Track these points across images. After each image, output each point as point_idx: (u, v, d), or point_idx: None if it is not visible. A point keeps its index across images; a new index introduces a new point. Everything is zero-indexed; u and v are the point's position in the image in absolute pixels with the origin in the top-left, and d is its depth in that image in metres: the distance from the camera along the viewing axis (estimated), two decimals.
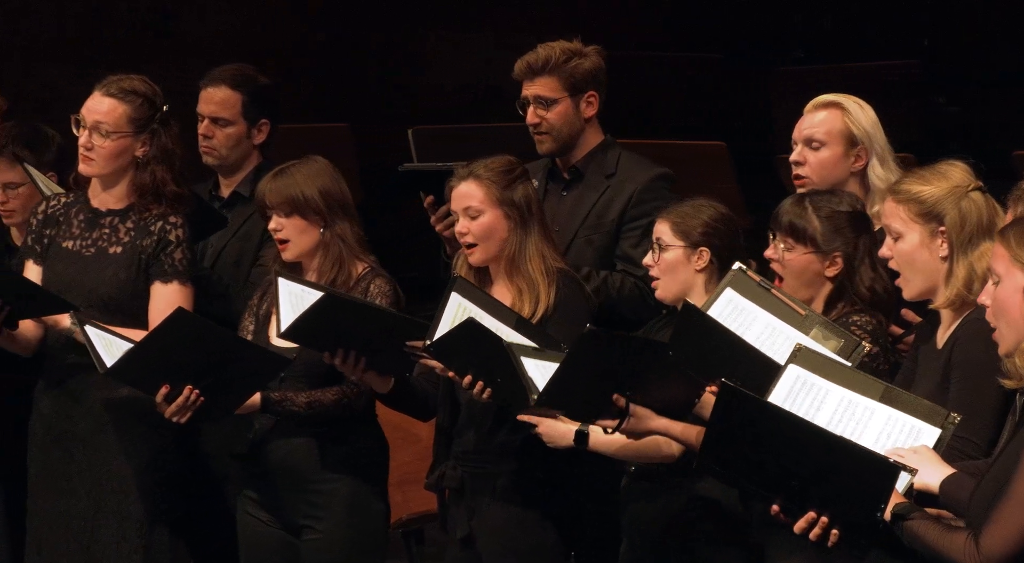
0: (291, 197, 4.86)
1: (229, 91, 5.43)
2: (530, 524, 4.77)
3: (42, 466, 5.02)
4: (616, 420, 4.34)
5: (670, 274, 4.67)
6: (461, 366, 4.60)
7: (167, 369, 4.72)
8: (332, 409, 4.83)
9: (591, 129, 5.26)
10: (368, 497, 4.87)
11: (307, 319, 4.67)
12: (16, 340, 4.98)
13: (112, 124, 4.96)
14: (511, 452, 4.78)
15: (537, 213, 4.83)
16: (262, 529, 4.91)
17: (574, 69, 5.18)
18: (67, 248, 5.04)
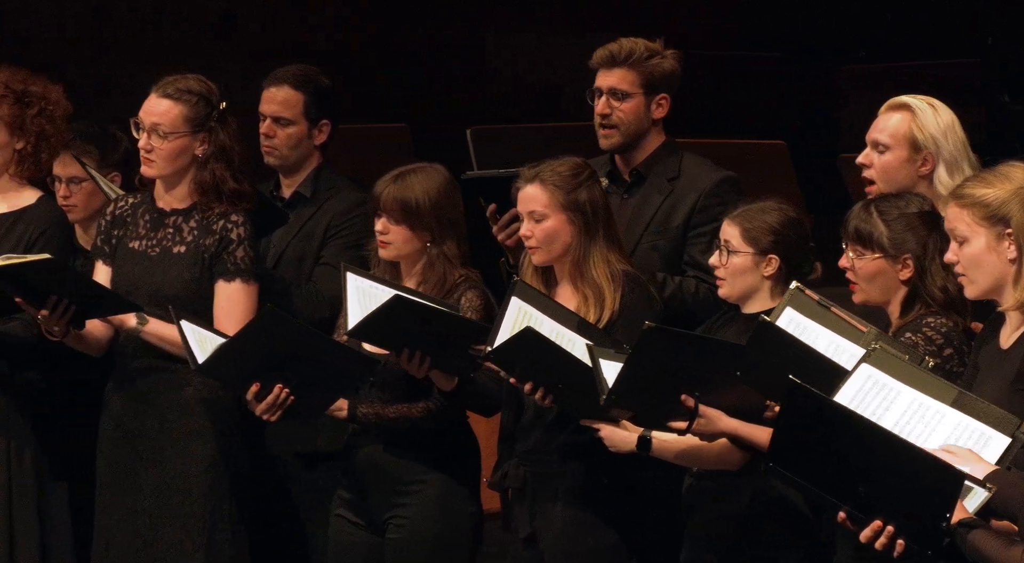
0: (404, 206, 4.86)
1: (291, 91, 5.45)
2: (592, 526, 4.76)
3: (110, 464, 5.07)
4: (686, 421, 4.29)
5: (737, 277, 4.65)
6: (522, 372, 4.59)
7: (257, 367, 4.75)
8: (419, 423, 4.85)
9: (655, 131, 5.24)
10: (456, 498, 4.87)
11: (374, 319, 4.68)
12: (85, 340, 5.02)
13: (169, 125, 5.00)
14: (574, 453, 4.77)
15: (603, 216, 4.80)
16: (350, 530, 4.93)
17: (654, 67, 5.16)
18: (133, 248, 5.08)
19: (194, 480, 5.01)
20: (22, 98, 5.14)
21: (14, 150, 5.17)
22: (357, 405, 4.87)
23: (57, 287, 4.88)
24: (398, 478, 4.87)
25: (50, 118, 5.16)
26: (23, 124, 5.14)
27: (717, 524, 4.62)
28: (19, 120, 5.13)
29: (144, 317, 4.97)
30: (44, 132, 5.16)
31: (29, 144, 5.15)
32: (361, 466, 4.91)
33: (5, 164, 5.18)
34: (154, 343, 4.99)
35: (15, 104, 5.13)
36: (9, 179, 5.21)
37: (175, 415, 5.03)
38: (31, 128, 5.14)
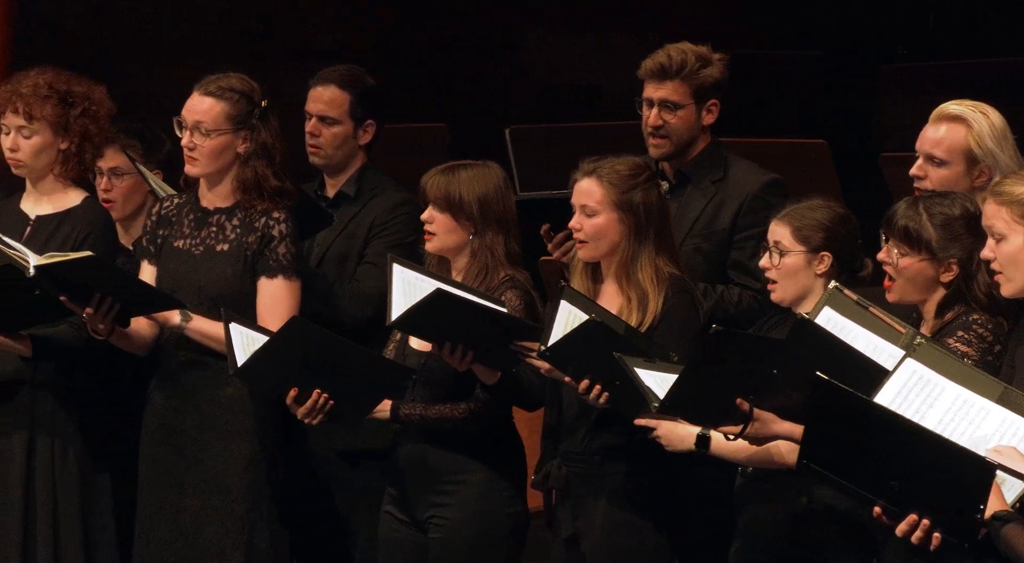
0: (448, 195, 4.88)
1: (337, 91, 5.47)
2: (634, 527, 4.75)
3: (153, 461, 5.09)
4: (739, 425, 4.27)
5: (790, 278, 4.61)
6: (578, 370, 4.58)
7: (292, 373, 4.77)
8: (460, 425, 4.86)
9: (703, 134, 5.22)
10: (497, 498, 4.87)
11: (417, 311, 4.70)
12: (130, 338, 5.04)
13: (211, 122, 5.02)
14: (617, 453, 4.76)
15: (656, 220, 4.78)
16: (396, 526, 4.94)
17: (705, 77, 5.15)
18: (178, 247, 5.11)
19: (234, 479, 5.02)
20: (66, 98, 5.17)
21: (59, 150, 5.19)
22: (399, 406, 4.88)
23: (101, 285, 4.90)
24: (439, 477, 4.87)
25: (94, 118, 5.18)
26: (67, 124, 5.16)
27: (770, 525, 4.60)
28: (63, 120, 5.15)
29: (188, 314, 4.99)
30: (88, 132, 5.18)
31: (73, 144, 5.18)
32: (404, 464, 4.92)
33: (50, 165, 5.20)
34: (197, 340, 5.01)
35: (59, 104, 5.15)
36: (54, 180, 5.23)
37: (216, 414, 5.05)
38: (75, 128, 5.16)
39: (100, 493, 5.20)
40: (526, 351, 4.71)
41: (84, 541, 5.16)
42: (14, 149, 5.17)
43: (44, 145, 5.17)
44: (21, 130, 5.15)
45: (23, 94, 5.14)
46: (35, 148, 5.16)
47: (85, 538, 5.16)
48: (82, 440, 5.18)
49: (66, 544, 5.14)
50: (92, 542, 5.18)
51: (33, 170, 5.20)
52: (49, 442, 5.15)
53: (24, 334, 5.08)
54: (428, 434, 4.88)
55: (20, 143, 5.17)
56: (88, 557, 5.16)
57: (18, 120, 5.15)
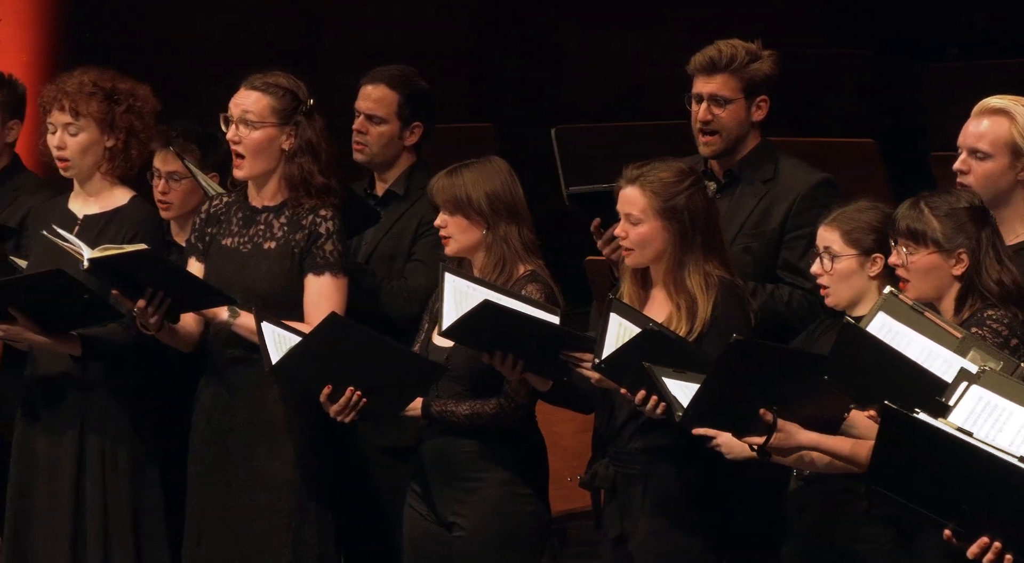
0: (455, 197, 4.90)
1: (386, 90, 5.49)
2: (682, 527, 4.74)
3: (202, 458, 5.11)
4: (763, 436, 4.24)
5: (843, 283, 4.59)
6: (633, 382, 4.56)
7: (328, 370, 4.77)
8: (491, 421, 4.86)
9: (752, 132, 5.19)
10: (520, 497, 4.87)
11: (467, 321, 4.70)
12: (178, 335, 5.06)
13: (257, 115, 5.05)
14: (664, 454, 4.75)
15: (703, 225, 4.75)
16: (421, 522, 4.95)
17: (755, 71, 5.12)
18: (226, 245, 5.12)
19: (281, 476, 5.03)
20: (111, 95, 5.18)
21: (105, 148, 5.21)
22: (430, 403, 4.88)
23: (153, 280, 4.92)
24: (460, 474, 4.88)
25: (139, 114, 5.20)
26: (113, 121, 5.18)
27: (827, 528, 4.57)
28: (109, 117, 5.17)
29: (236, 310, 5.01)
30: (133, 128, 5.20)
31: (119, 141, 5.19)
32: (426, 460, 4.93)
33: (96, 162, 5.22)
34: (245, 336, 5.02)
35: (104, 101, 5.17)
36: (101, 178, 5.25)
37: (263, 411, 5.06)
38: (120, 125, 5.18)
39: (150, 492, 5.22)
40: (576, 361, 4.70)
41: (134, 540, 5.18)
42: (61, 147, 5.19)
43: (90, 142, 5.18)
44: (67, 127, 5.17)
45: (68, 92, 5.16)
46: (81, 145, 5.18)
47: (135, 537, 5.18)
48: (132, 439, 5.20)
49: (116, 544, 5.17)
50: (142, 541, 5.20)
51: (80, 168, 5.22)
52: (99, 442, 5.17)
53: (74, 334, 5.09)
54: (450, 430, 4.89)
55: (67, 141, 5.19)
56: (138, 556, 5.18)
57: (64, 117, 5.16)
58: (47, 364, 5.18)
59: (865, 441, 4.27)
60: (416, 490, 4.96)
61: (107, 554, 5.16)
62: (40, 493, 5.19)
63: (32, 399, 5.21)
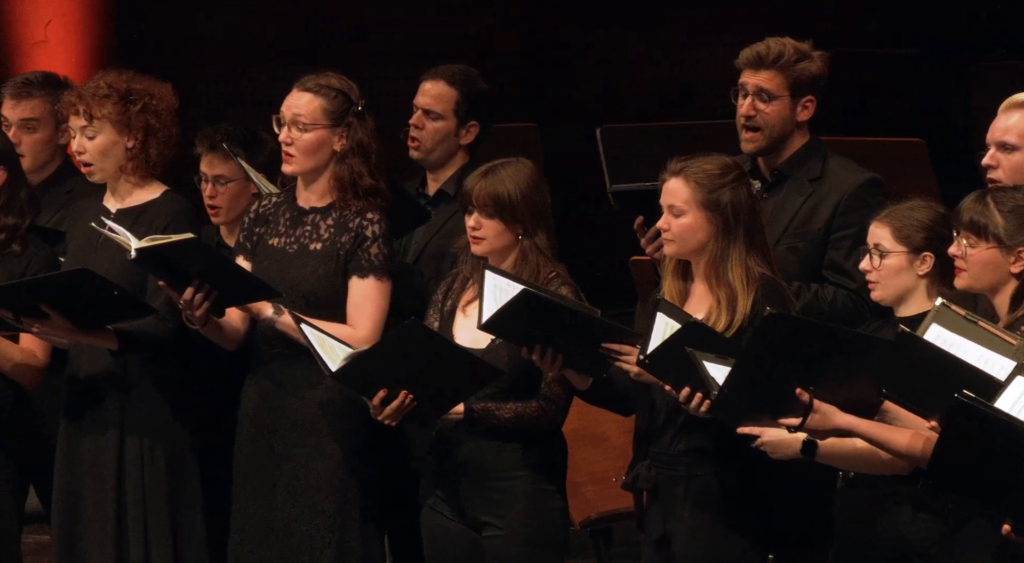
0: (496, 199, 4.88)
1: (445, 86, 5.49)
2: (726, 528, 4.72)
3: (246, 457, 5.11)
4: (799, 418, 4.21)
5: (891, 279, 4.56)
6: (678, 379, 4.54)
7: (388, 374, 4.77)
8: (534, 423, 4.86)
9: (799, 132, 5.16)
10: (549, 495, 4.88)
11: (505, 313, 4.69)
12: (222, 331, 5.06)
13: (309, 116, 5.05)
14: (706, 455, 4.73)
15: (746, 219, 4.73)
16: (446, 525, 4.93)
17: (802, 70, 5.09)
18: (273, 245, 5.13)
19: (325, 477, 5.03)
20: (126, 96, 5.18)
21: (125, 148, 5.21)
22: (473, 405, 4.87)
23: (199, 271, 4.93)
24: (494, 474, 4.87)
25: (155, 113, 5.20)
26: (129, 121, 5.18)
27: (873, 529, 4.53)
28: (124, 118, 5.17)
29: (281, 308, 5.01)
30: (151, 127, 5.20)
31: (138, 141, 5.20)
32: (455, 462, 4.91)
33: (118, 164, 5.23)
34: (289, 334, 5.02)
35: (119, 102, 5.17)
36: (127, 179, 5.26)
37: (307, 411, 5.06)
38: (137, 124, 5.18)
39: (189, 490, 5.23)
40: (616, 354, 4.68)
41: (173, 538, 5.19)
42: (81, 151, 5.22)
43: (108, 144, 5.19)
44: (84, 131, 5.19)
45: (83, 96, 5.18)
46: (99, 148, 5.19)
47: (174, 535, 5.19)
48: (172, 437, 5.21)
49: (155, 542, 5.18)
50: (181, 539, 5.21)
51: (103, 170, 5.23)
52: (138, 440, 5.19)
53: (109, 329, 5.11)
54: (481, 432, 4.87)
55: (85, 144, 5.20)
56: (176, 554, 5.19)
57: (80, 121, 5.19)
58: (88, 363, 5.20)
59: (901, 429, 4.25)
60: (438, 494, 4.94)
61: (148, 552, 5.17)
62: (86, 492, 5.21)
63: (73, 399, 5.24)
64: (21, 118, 5.72)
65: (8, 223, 5.28)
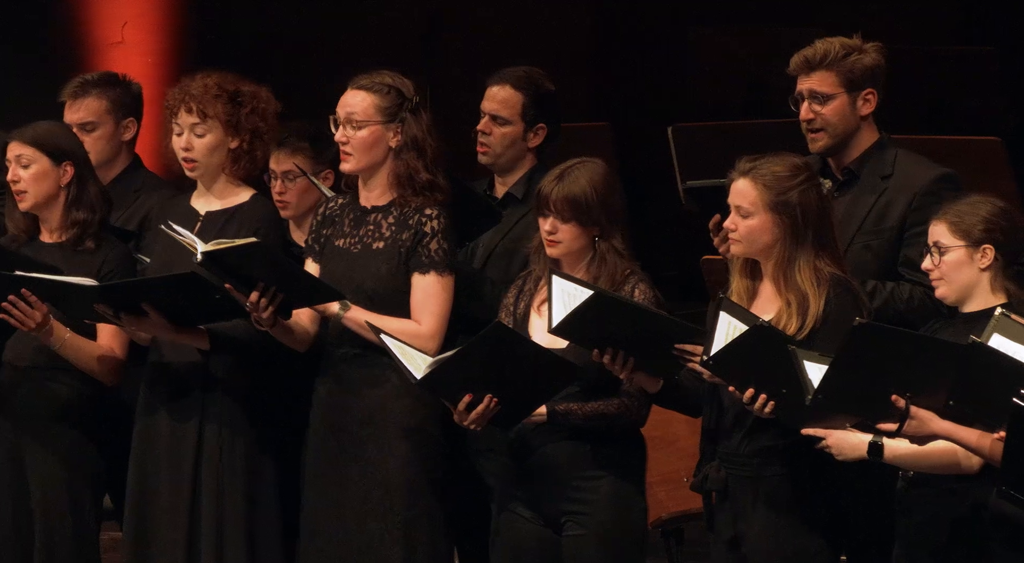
0: (573, 202, 4.86)
1: (512, 91, 5.48)
2: (795, 530, 4.69)
3: (317, 455, 5.13)
4: (896, 423, 4.17)
5: (953, 275, 4.52)
6: (742, 380, 4.52)
7: (472, 379, 4.78)
8: (615, 420, 4.85)
9: (866, 128, 5.11)
10: (630, 496, 4.87)
11: (576, 316, 4.68)
12: (291, 332, 5.09)
13: (362, 113, 5.08)
14: (775, 455, 4.70)
15: (815, 221, 4.68)
16: (523, 525, 4.93)
17: (853, 64, 5.05)
18: (339, 246, 5.16)
19: (393, 475, 5.05)
20: (235, 97, 5.25)
21: (229, 149, 5.27)
22: (555, 406, 4.87)
23: (265, 274, 4.96)
24: (574, 474, 4.86)
25: (262, 116, 5.26)
26: (238, 122, 5.24)
27: (932, 529, 4.51)
28: (234, 119, 5.23)
29: (347, 304, 5.03)
30: (257, 129, 5.27)
31: (244, 142, 5.26)
32: (536, 464, 4.90)
33: (221, 163, 5.29)
34: (355, 330, 5.04)
35: (228, 103, 5.23)
36: (225, 179, 5.31)
37: (376, 410, 5.08)
38: (245, 126, 5.24)
39: (265, 486, 5.25)
40: (688, 356, 4.66)
41: (248, 534, 5.22)
42: (188, 148, 5.27)
43: (216, 143, 5.25)
44: (194, 128, 5.24)
45: (194, 94, 5.23)
46: (208, 146, 5.24)
47: (249, 530, 5.22)
48: (249, 433, 5.24)
49: (230, 536, 5.20)
50: (256, 535, 5.23)
51: (207, 169, 5.29)
52: (217, 434, 5.23)
53: (202, 329, 5.16)
54: (560, 432, 4.86)
55: (193, 142, 5.25)
56: (251, 549, 5.22)
57: (192, 119, 5.23)
58: (171, 356, 5.25)
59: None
60: (519, 495, 4.94)
61: (221, 546, 5.20)
62: (161, 484, 5.25)
63: (153, 391, 5.28)
64: (78, 120, 5.78)
65: (79, 218, 5.35)
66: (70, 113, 5.81)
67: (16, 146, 5.37)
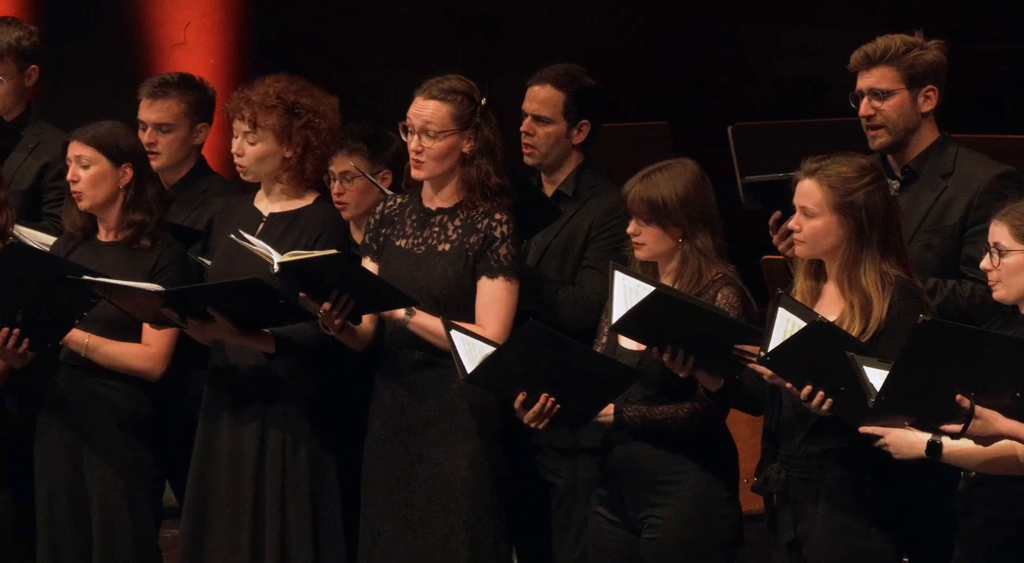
0: (651, 204, 4.86)
1: (552, 90, 5.48)
2: (856, 532, 4.67)
3: (379, 457, 5.16)
4: (960, 425, 4.15)
5: (1012, 277, 4.48)
6: (800, 376, 4.50)
7: (523, 377, 4.79)
8: (686, 425, 4.84)
9: (927, 125, 5.08)
10: (713, 499, 4.85)
11: (635, 314, 4.68)
12: (355, 334, 5.13)
13: (439, 124, 5.09)
14: (836, 457, 4.68)
15: (881, 222, 4.66)
16: (607, 527, 4.94)
17: (914, 61, 5.03)
18: (400, 246, 5.18)
19: (458, 476, 5.07)
20: (292, 109, 5.27)
21: (282, 158, 5.30)
22: (623, 408, 4.86)
23: (338, 282, 4.98)
24: (654, 477, 4.86)
25: (316, 131, 5.28)
26: (290, 134, 5.27)
27: (993, 531, 4.48)
28: (287, 130, 5.26)
29: (412, 309, 5.06)
30: (309, 143, 5.29)
31: (295, 154, 5.28)
32: (617, 465, 4.90)
33: (274, 171, 5.33)
34: (420, 335, 5.06)
35: (284, 114, 5.26)
36: (283, 185, 5.35)
37: (440, 412, 5.10)
38: (297, 139, 5.27)
39: (328, 488, 5.28)
40: (748, 355, 4.65)
41: (313, 536, 5.24)
42: (239, 153, 5.31)
43: (267, 153, 5.28)
44: (246, 136, 5.29)
45: (251, 102, 5.27)
46: (257, 155, 5.28)
47: (314, 533, 5.24)
48: (312, 436, 5.26)
49: (295, 540, 5.23)
50: (321, 538, 5.25)
51: (257, 175, 5.34)
52: (280, 437, 5.26)
53: (267, 332, 5.20)
54: (642, 435, 4.86)
55: (245, 148, 5.30)
56: (316, 553, 5.24)
57: (244, 126, 5.28)
58: (234, 359, 5.29)
59: None
60: (602, 495, 4.95)
61: (285, 550, 5.22)
62: (222, 486, 5.29)
63: (216, 393, 5.32)
64: (156, 120, 5.82)
65: (135, 219, 5.39)
66: (147, 112, 5.85)
67: (77, 146, 5.42)
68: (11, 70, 6.01)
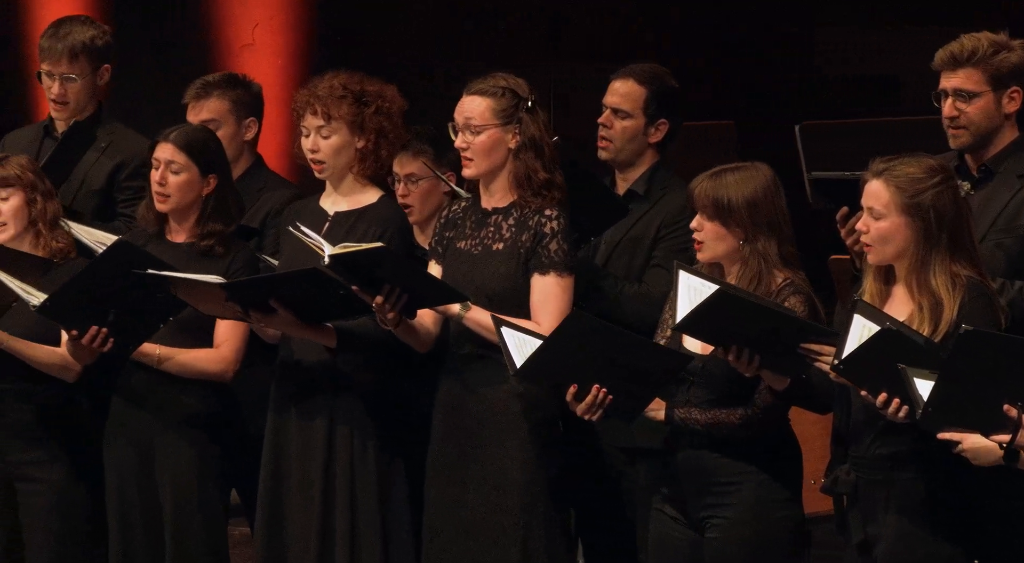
0: (715, 202, 4.84)
1: (634, 85, 5.49)
2: (926, 535, 4.64)
3: (438, 456, 5.18)
4: (1008, 435, 4.12)
5: None
6: (874, 384, 4.47)
7: (572, 369, 4.78)
8: (735, 431, 4.82)
9: (1008, 126, 5.05)
10: (774, 502, 4.83)
11: (699, 313, 4.67)
12: (415, 333, 5.14)
13: (479, 118, 5.11)
14: (907, 459, 4.65)
15: (951, 224, 4.61)
16: (671, 525, 4.93)
17: (1001, 62, 4.98)
18: (460, 248, 5.20)
19: (511, 475, 5.07)
20: (360, 98, 5.29)
21: (356, 149, 5.31)
22: (674, 408, 4.85)
23: (391, 276, 5.00)
24: (715, 479, 4.84)
25: (387, 115, 5.30)
26: (363, 123, 5.29)
27: None
28: (359, 119, 5.28)
29: (467, 304, 5.07)
30: (383, 129, 5.31)
31: (370, 142, 5.30)
32: (679, 465, 4.89)
33: (349, 163, 5.34)
34: (475, 330, 5.08)
35: (354, 104, 5.28)
36: (353, 179, 5.37)
37: (494, 410, 5.10)
38: (370, 126, 5.29)
39: (397, 485, 5.30)
40: (816, 355, 4.63)
41: (383, 533, 5.26)
42: (315, 150, 5.33)
43: (343, 144, 5.29)
44: (320, 130, 5.30)
45: (320, 96, 5.28)
46: (334, 147, 5.30)
47: (383, 530, 5.26)
48: (380, 433, 5.28)
49: (365, 536, 5.25)
50: (390, 534, 5.27)
51: (334, 169, 5.34)
52: (348, 434, 5.27)
53: (329, 326, 5.21)
54: (704, 437, 4.84)
55: (320, 143, 5.31)
56: (386, 549, 5.26)
57: (317, 121, 5.29)
58: (300, 354, 5.31)
59: None
60: (666, 493, 4.94)
61: (355, 546, 5.24)
62: (292, 483, 5.31)
63: (283, 388, 5.35)
64: (202, 119, 5.85)
65: (216, 229, 5.43)
66: (192, 115, 5.90)
67: (169, 149, 5.43)
68: (85, 69, 6.06)
